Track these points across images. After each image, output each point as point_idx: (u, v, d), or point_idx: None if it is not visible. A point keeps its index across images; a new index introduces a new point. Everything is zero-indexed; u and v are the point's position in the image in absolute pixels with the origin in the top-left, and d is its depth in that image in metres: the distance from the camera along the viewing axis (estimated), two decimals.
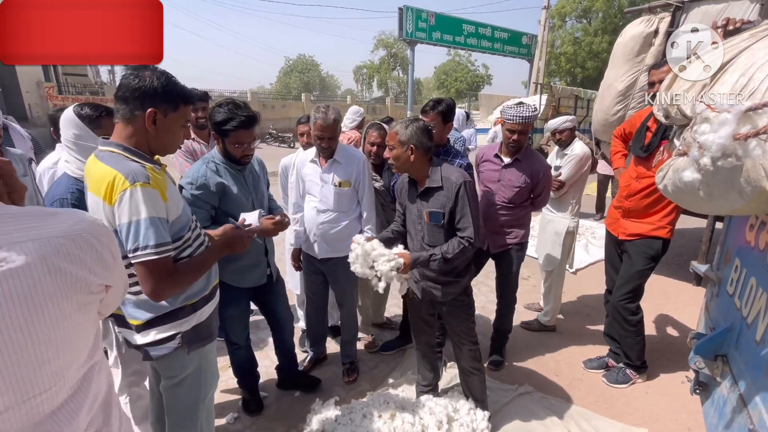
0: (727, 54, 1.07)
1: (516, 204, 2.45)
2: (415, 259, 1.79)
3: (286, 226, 1.91)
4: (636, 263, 2.40)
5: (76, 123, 1.54)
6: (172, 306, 1.33)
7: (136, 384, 1.88)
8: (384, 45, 42.38)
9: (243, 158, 1.88)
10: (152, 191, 1.17)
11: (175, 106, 1.23)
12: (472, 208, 1.79)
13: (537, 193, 2.48)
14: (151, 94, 1.18)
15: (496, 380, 2.54)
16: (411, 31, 18.34)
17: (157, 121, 1.21)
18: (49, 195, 1.56)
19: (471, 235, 1.78)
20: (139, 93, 1.17)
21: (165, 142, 1.28)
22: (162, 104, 1.20)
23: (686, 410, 2.31)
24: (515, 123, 2.31)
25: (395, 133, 1.81)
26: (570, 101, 12.62)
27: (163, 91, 1.19)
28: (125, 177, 1.13)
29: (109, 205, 1.15)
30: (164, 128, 1.24)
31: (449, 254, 1.77)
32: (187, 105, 1.27)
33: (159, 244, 1.17)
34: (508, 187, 2.43)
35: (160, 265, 1.18)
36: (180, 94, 1.23)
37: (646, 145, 2.30)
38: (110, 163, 1.16)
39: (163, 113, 1.22)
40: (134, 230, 1.15)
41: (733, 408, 1.41)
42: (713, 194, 1.05)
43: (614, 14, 24.57)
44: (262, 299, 2.19)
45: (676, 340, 3.06)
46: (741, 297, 1.52)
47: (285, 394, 2.44)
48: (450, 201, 1.79)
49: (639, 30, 4.07)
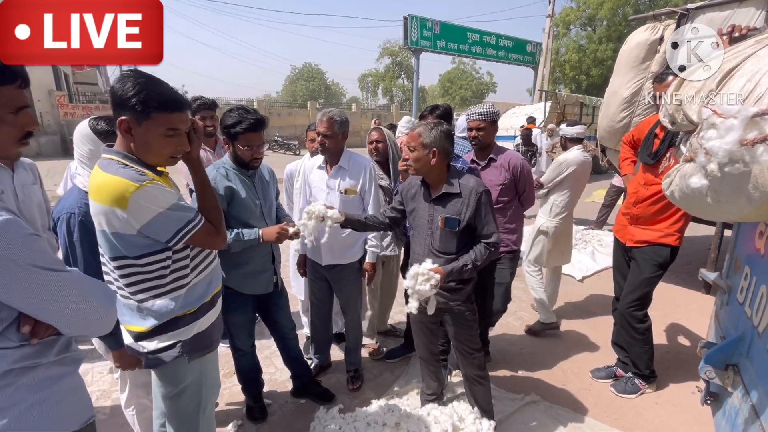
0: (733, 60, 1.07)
1: (503, 203, 2.47)
2: (450, 272, 1.75)
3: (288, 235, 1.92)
4: (644, 270, 2.37)
5: (91, 138, 1.55)
6: (174, 314, 1.32)
7: (142, 396, 1.88)
8: (389, 53, 42.74)
9: (252, 162, 1.93)
10: (160, 185, 1.20)
11: (147, 114, 1.16)
12: (492, 214, 1.83)
13: (521, 189, 2.49)
14: (122, 101, 1.15)
15: (502, 389, 2.50)
16: (416, 40, 18.52)
17: (132, 131, 1.18)
18: (57, 207, 1.57)
19: (498, 240, 1.83)
20: (114, 101, 1.17)
21: (147, 151, 1.22)
22: (132, 112, 1.15)
23: (697, 422, 2.26)
24: (473, 120, 2.41)
25: (418, 134, 1.79)
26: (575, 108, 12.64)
27: (134, 99, 1.14)
28: (131, 181, 1.15)
29: (122, 210, 1.15)
30: (141, 138, 1.19)
31: (479, 261, 1.79)
32: (167, 112, 1.18)
33: (189, 220, 1.25)
34: (491, 188, 2.40)
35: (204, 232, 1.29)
36: (157, 101, 1.16)
37: (654, 152, 2.29)
38: (111, 171, 1.17)
39: (136, 122, 1.17)
40: (165, 221, 1.20)
41: (745, 419, 1.38)
42: (721, 200, 1.04)
43: (618, 22, 24.59)
44: (265, 309, 2.19)
45: (686, 350, 3.01)
46: (752, 305, 1.50)
47: (289, 402, 2.42)
48: (468, 208, 1.79)
49: (644, 37, 4.07)
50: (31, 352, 0.90)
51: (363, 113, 24.48)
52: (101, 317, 0.99)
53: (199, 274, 1.38)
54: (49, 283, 0.87)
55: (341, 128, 2.21)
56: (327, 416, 2.11)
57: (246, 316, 2.10)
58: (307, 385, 2.44)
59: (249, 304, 2.08)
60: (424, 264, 1.74)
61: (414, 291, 1.71)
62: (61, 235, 1.51)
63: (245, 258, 1.96)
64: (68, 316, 0.92)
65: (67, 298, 0.91)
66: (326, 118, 2.16)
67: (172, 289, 1.30)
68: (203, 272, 1.40)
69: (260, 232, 1.89)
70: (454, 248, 1.84)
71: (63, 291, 0.90)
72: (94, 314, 0.97)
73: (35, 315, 0.88)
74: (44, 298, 0.87)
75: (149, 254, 1.24)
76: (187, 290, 1.34)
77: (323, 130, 2.17)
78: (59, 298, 0.89)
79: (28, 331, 0.87)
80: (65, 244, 1.51)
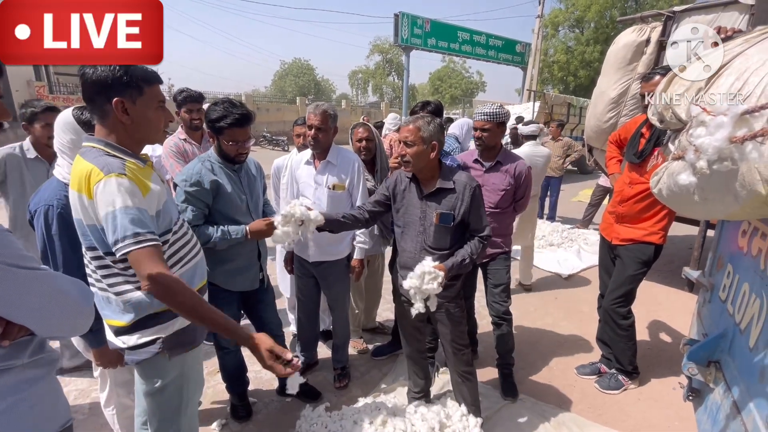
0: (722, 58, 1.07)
1: (502, 209, 2.43)
2: (450, 268, 1.73)
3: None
4: (628, 268, 2.41)
5: (74, 128, 1.49)
6: (154, 309, 1.27)
7: (123, 395, 1.83)
8: (379, 50, 42.59)
9: (237, 156, 1.88)
10: (126, 182, 1.13)
11: (139, 90, 1.18)
12: (483, 209, 1.85)
13: (519, 195, 2.47)
14: (111, 83, 1.14)
15: (489, 386, 2.51)
16: (406, 37, 18.47)
17: (129, 110, 1.18)
18: (35, 199, 1.50)
19: (490, 233, 1.85)
20: (99, 86, 1.14)
21: (147, 129, 1.23)
22: (126, 91, 1.16)
23: (678, 417, 2.30)
24: (479, 120, 2.35)
25: (417, 128, 1.74)
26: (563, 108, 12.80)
27: (123, 77, 1.14)
28: (100, 169, 1.12)
29: (88, 200, 1.13)
30: (138, 115, 1.20)
31: (474, 255, 1.80)
32: (152, 85, 1.22)
33: (137, 233, 1.11)
34: (493, 191, 2.39)
35: (145, 255, 1.11)
36: (141, 76, 1.18)
37: (639, 152, 2.32)
38: (88, 157, 1.15)
39: (131, 100, 1.17)
40: (111, 222, 1.11)
41: (726, 414, 1.40)
42: (708, 198, 1.05)
43: (606, 24, 24.96)
44: (250, 306, 2.15)
45: (669, 347, 3.07)
46: (734, 303, 1.52)
47: (275, 400, 2.39)
48: (463, 203, 1.78)
49: (631, 39, 4.13)
50: (2, 354, 0.85)
51: (353, 110, 24.36)
52: (77, 317, 0.94)
53: (181, 268, 1.34)
54: (19, 281, 0.82)
55: (334, 122, 2.17)
56: (313, 414, 2.08)
57: (231, 313, 2.03)
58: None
59: (234, 301, 2.03)
60: (427, 262, 1.70)
61: (420, 290, 1.68)
62: (38, 228, 1.44)
63: (231, 254, 1.92)
64: (41, 316, 0.87)
65: (39, 297, 0.85)
66: (320, 111, 2.12)
67: None
68: (185, 266, 1.36)
69: (247, 228, 1.84)
70: (448, 244, 1.83)
71: (35, 289, 0.85)
72: (69, 314, 0.92)
73: (6, 315, 0.83)
74: (14, 297, 0.82)
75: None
76: None
77: (317, 122, 2.12)
78: (31, 297, 0.84)
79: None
80: (43, 238, 1.44)
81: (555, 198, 6.53)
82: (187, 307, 1.16)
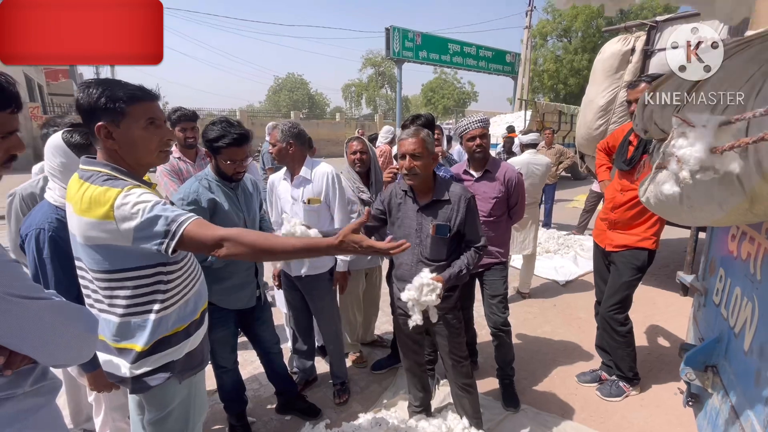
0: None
1: (496, 217, 2.44)
2: (448, 279, 1.75)
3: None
4: (623, 274, 2.42)
5: (64, 151, 1.47)
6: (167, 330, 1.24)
7: (118, 420, 1.80)
8: (372, 63, 43.17)
9: (235, 175, 1.90)
10: (143, 189, 1.12)
11: (121, 112, 1.10)
12: (478, 219, 1.88)
13: (513, 202, 2.47)
14: (93, 108, 1.10)
15: (490, 397, 2.50)
16: (398, 50, 18.78)
17: (113, 134, 1.12)
18: (26, 223, 1.48)
19: (485, 243, 1.88)
20: (84, 113, 1.12)
21: (135, 152, 1.16)
22: (106, 114, 1.10)
23: (680, 423, 2.29)
24: (475, 129, 2.35)
25: (422, 140, 1.76)
26: (554, 116, 12.96)
27: (103, 99, 1.09)
28: (113, 188, 1.09)
29: (111, 222, 1.07)
30: (124, 139, 1.13)
31: (471, 266, 1.82)
32: (137, 103, 1.13)
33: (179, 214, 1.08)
34: (485, 200, 2.40)
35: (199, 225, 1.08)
36: (123, 96, 1.11)
37: (628, 159, 2.36)
38: (96, 182, 1.11)
39: (115, 124, 1.11)
40: (149, 219, 1.06)
41: (725, 419, 1.40)
42: (694, 206, 1.07)
43: (593, 33, 25.47)
44: (247, 324, 2.14)
45: (668, 351, 3.07)
46: (727, 307, 1.54)
47: (274, 419, 2.35)
48: (458, 214, 1.80)
49: (617, 48, 4.23)
50: (4, 383, 0.84)
51: (347, 123, 24.54)
52: (82, 346, 0.94)
53: (192, 288, 1.33)
54: (29, 314, 0.81)
55: (293, 138, 2.20)
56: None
57: (228, 332, 2.04)
58: (292, 401, 2.37)
59: (231, 319, 2.02)
60: (425, 274, 1.72)
61: (418, 302, 1.69)
62: (29, 252, 1.43)
63: (228, 272, 1.92)
64: (47, 346, 0.86)
65: (47, 328, 0.85)
66: (278, 130, 2.23)
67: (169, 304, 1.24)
68: (195, 287, 1.35)
69: None
70: (445, 255, 1.84)
71: (43, 321, 0.84)
72: (75, 344, 0.91)
73: (12, 346, 0.82)
74: (22, 328, 0.81)
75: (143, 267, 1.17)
76: (180, 305, 1.28)
77: (273, 140, 2.26)
78: (38, 328, 0.83)
79: (3, 362, 0.81)
80: (34, 262, 1.43)
81: (550, 205, 6.58)
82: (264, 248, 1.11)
